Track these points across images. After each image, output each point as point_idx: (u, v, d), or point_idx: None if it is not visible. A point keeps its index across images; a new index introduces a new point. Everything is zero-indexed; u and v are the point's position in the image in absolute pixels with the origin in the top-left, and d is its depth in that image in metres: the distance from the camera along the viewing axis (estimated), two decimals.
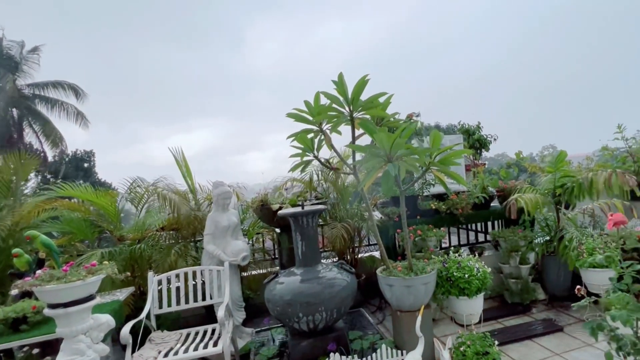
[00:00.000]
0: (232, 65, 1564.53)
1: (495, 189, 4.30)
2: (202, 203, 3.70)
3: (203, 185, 3.80)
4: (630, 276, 2.28)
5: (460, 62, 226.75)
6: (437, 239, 3.56)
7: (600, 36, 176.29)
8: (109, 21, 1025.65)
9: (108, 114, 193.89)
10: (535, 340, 3.25)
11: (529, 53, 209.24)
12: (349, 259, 3.79)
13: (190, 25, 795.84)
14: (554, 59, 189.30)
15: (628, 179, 4.25)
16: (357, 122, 2.70)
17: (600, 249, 3.71)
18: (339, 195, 3.78)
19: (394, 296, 2.70)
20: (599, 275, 3.63)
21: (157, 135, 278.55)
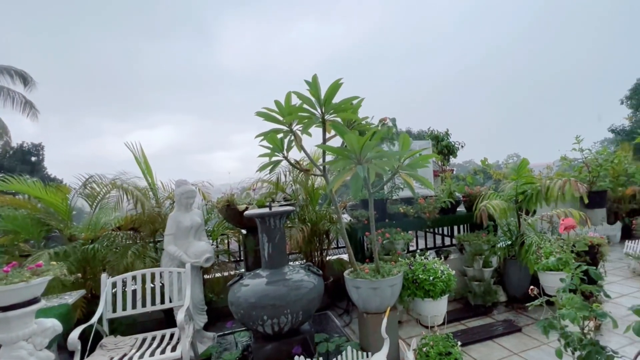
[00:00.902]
0: (200, 60, 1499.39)
1: (461, 194, 4.54)
2: (163, 202, 3.60)
3: (165, 184, 3.70)
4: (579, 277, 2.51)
5: (431, 70, 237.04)
6: (404, 242, 3.70)
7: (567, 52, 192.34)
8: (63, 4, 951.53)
9: (61, 105, 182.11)
10: (495, 340, 3.45)
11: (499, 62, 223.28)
12: (317, 262, 3.84)
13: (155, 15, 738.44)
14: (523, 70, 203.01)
15: (579, 187, 4.63)
16: (328, 124, 2.76)
17: (557, 253, 4.02)
18: (308, 197, 3.83)
19: (361, 298, 2.77)
20: (555, 277, 3.93)
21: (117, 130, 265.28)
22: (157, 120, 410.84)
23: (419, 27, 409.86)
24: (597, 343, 1.73)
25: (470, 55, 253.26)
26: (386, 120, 4.25)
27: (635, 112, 21.41)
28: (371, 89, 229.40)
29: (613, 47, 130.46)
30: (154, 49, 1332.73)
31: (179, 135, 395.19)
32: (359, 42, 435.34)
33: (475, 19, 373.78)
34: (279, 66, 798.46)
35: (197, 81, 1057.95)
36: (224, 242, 3.88)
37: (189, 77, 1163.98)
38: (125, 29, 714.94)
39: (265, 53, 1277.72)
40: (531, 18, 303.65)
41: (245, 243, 3.50)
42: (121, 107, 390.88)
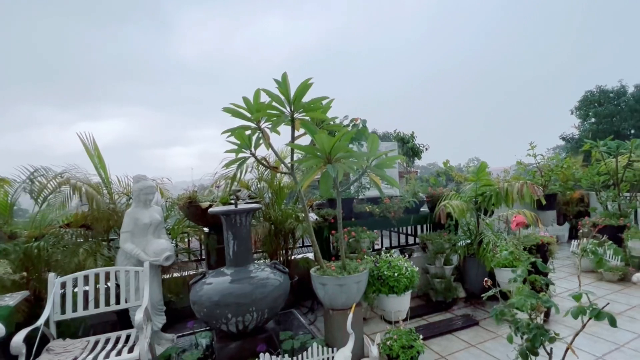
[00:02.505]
0: (156, 51, 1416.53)
1: (425, 194, 4.83)
2: (118, 199, 3.48)
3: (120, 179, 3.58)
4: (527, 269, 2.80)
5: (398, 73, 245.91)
6: (370, 241, 3.88)
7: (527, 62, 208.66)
8: None
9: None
10: (455, 334, 3.72)
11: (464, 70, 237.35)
12: (282, 261, 3.91)
13: None
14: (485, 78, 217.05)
15: (536, 190, 5.11)
16: (297, 123, 2.85)
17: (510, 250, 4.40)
18: (275, 195, 3.89)
19: (327, 295, 2.88)
20: (509, 273, 4.29)
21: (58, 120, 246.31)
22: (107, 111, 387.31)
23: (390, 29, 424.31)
24: (542, 327, 1.97)
25: (437, 61, 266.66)
26: (357, 120, 4.43)
27: (583, 122, 23.73)
28: (339, 89, 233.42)
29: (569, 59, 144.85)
30: (102, 35, 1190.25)
31: (132, 129, 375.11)
32: (327, 40, 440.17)
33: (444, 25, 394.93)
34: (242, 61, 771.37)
35: (152, 72, 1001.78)
36: (184, 241, 3.82)
37: (143, 67, 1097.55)
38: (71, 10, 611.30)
39: (227, 47, 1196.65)
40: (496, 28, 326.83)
41: (207, 241, 3.48)
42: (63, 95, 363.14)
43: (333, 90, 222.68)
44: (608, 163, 7.28)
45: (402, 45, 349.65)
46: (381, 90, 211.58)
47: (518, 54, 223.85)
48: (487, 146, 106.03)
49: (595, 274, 5.94)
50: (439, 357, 3.30)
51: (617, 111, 21.86)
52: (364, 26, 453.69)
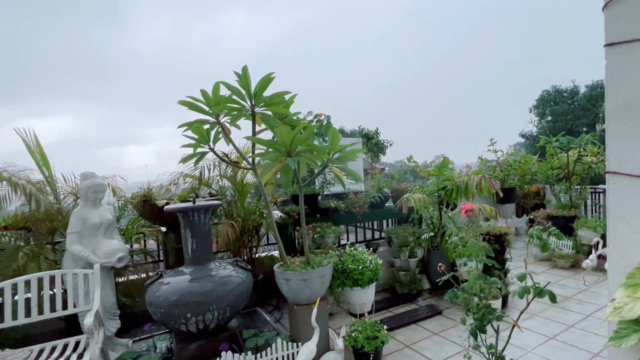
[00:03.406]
0: (107, 43, 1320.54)
1: (390, 190, 4.99)
2: (64, 198, 3.31)
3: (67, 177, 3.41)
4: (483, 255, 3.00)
5: (369, 72, 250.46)
6: (335, 236, 3.96)
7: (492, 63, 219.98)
8: None
9: None
10: (419, 323, 3.88)
11: (433, 69, 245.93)
12: (247, 259, 3.89)
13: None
14: (453, 78, 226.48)
15: (494, 184, 5.42)
16: (258, 117, 2.87)
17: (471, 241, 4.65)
18: (237, 192, 3.87)
19: (291, 290, 2.92)
20: (469, 264, 4.55)
21: None
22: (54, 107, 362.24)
23: (359, 27, 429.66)
24: (489, 306, 2.11)
25: (405, 61, 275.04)
26: (321, 116, 4.50)
27: (541, 120, 25.41)
28: (305, 86, 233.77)
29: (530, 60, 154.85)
30: (49, 23, 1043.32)
31: (84, 126, 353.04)
32: (293, 36, 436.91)
33: (412, 25, 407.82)
34: (203, 56, 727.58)
35: (105, 65, 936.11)
36: (140, 241, 3.70)
37: (93, 62, 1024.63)
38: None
39: (187, 40, 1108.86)
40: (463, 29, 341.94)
41: (165, 241, 3.40)
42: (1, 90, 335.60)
43: (298, 87, 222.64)
44: (560, 158, 7.87)
45: (371, 44, 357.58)
46: (349, 89, 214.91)
47: (484, 53, 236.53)
48: (454, 143, 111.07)
49: (550, 262, 6.39)
50: (404, 346, 3.43)
51: (571, 110, 23.63)
52: (332, 24, 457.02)
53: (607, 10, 1.53)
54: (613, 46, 1.52)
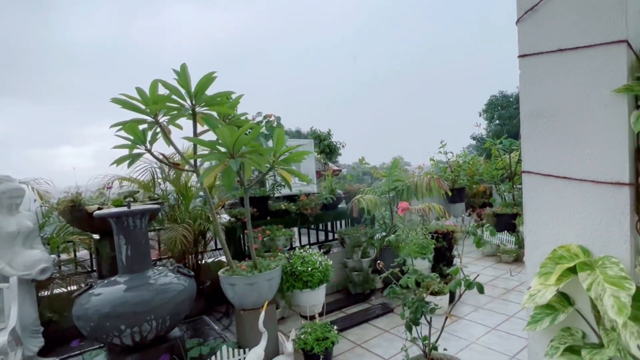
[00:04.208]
0: (36, 33, 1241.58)
1: (342, 191, 5.07)
2: None
3: None
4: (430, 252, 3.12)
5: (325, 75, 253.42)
6: (286, 238, 3.95)
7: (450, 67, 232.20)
8: None
9: None
10: (371, 322, 3.97)
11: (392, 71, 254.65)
12: (192, 265, 3.77)
13: None
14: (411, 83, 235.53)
15: (442, 184, 5.69)
16: (199, 117, 2.79)
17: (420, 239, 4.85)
18: (181, 195, 3.73)
19: (237, 295, 2.86)
20: (418, 261, 4.73)
21: None
22: None
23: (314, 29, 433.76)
24: (422, 299, 2.21)
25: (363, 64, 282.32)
26: (271, 117, 4.47)
27: (490, 123, 27.15)
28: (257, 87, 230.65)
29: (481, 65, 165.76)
30: None
31: (4, 125, 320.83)
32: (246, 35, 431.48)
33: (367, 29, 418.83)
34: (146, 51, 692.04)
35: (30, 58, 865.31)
36: (69, 251, 3.44)
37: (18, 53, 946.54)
38: None
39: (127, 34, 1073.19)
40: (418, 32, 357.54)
41: (98, 250, 3.18)
42: None
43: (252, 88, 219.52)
44: (504, 159, 8.44)
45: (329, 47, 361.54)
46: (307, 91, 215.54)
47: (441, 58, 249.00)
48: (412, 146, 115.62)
49: (495, 257, 6.82)
50: (355, 345, 3.49)
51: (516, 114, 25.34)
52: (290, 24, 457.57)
53: (519, 25, 1.66)
54: (525, 57, 1.65)
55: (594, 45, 1.43)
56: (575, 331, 1.56)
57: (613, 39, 1.39)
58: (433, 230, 5.31)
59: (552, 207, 1.61)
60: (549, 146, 1.60)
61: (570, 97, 1.52)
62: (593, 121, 1.47)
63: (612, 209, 1.45)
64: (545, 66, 1.58)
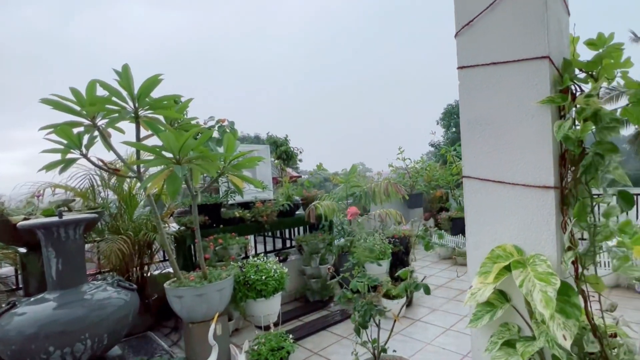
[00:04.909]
0: None
1: (300, 197, 5.09)
2: None
3: None
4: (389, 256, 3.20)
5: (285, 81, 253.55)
6: (239, 247, 3.88)
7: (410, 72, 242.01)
8: None
9: None
10: (329, 329, 3.99)
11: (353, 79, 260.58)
12: (137, 278, 3.58)
13: None
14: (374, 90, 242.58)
15: (400, 189, 5.89)
16: (142, 121, 2.68)
17: (377, 245, 4.98)
18: (124, 204, 3.55)
19: (184, 308, 2.76)
20: (374, 266, 4.86)
21: None
22: None
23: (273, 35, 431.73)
24: (371, 303, 2.27)
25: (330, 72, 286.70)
26: (224, 121, 4.39)
27: (447, 131, 28.64)
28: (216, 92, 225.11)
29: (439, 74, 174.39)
30: None
31: None
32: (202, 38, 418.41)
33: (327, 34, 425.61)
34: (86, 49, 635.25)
35: None
36: None
37: None
38: None
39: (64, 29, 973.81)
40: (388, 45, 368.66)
41: (25, 264, 2.92)
42: None
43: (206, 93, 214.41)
44: (458, 165, 8.93)
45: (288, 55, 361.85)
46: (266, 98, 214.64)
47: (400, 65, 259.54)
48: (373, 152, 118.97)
49: (451, 260, 7.15)
50: (312, 353, 3.49)
51: None
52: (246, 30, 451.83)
53: (457, 39, 1.79)
54: (463, 69, 1.78)
55: (521, 60, 1.58)
56: (512, 326, 1.68)
57: (537, 55, 1.54)
58: (391, 235, 5.49)
59: (489, 209, 1.73)
60: (486, 152, 1.72)
61: (503, 107, 1.65)
62: (523, 129, 1.61)
63: (541, 210, 1.59)
64: (481, 78, 1.71)
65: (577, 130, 1.48)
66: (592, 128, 1.51)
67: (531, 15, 1.54)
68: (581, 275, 1.63)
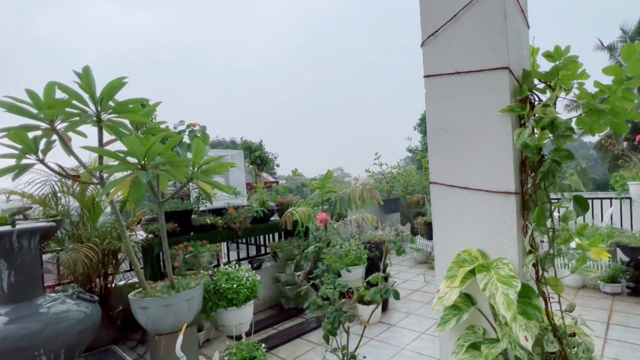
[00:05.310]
0: None
1: (275, 203, 5.07)
2: None
3: None
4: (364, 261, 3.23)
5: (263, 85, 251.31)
6: (211, 255, 3.81)
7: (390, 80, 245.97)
8: None
9: None
10: (304, 337, 3.97)
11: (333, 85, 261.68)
12: (100, 289, 3.44)
13: None
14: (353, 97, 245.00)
15: (375, 194, 5.97)
16: (105, 125, 2.60)
17: (353, 250, 5.03)
18: (87, 211, 3.41)
19: (150, 319, 2.68)
20: (352, 272, 4.89)
21: None
22: None
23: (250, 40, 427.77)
24: (340, 309, 2.29)
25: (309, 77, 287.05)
26: (195, 126, 4.32)
27: (424, 137, 29.31)
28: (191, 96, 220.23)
29: None
30: None
31: None
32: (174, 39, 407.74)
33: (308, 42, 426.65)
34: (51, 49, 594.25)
35: None
36: None
37: None
38: None
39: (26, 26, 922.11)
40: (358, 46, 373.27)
41: None
42: None
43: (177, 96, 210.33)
44: None
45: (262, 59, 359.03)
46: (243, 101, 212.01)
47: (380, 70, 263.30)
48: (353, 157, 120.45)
49: (427, 264, 7.29)
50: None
51: None
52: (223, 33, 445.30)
53: (424, 48, 1.85)
54: (429, 78, 1.84)
55: (483, 70, 1.65)
56: (478, 329, 1.72)
57: (497, 66, 1.61)
58: (367, 240, 5.55)
59: (456, 214, 1.78)
60: (452, 159, 1.78)
61: (467, 115, 1.72)
62: (486, 137, 1.68)
63: (503, 215, 1.65)
64: (446, 86, 1.77)
65: (535, 138, 1.56)
66: (550, 136, 1.59)
67: (491, 28, 1.62)
68: (542, 277, 1.70)
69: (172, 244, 3.66)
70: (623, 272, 4.86)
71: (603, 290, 4.96)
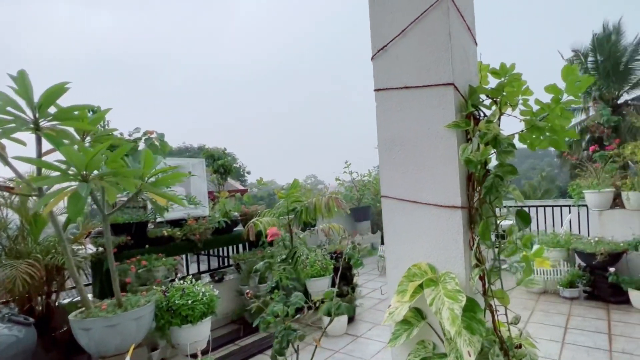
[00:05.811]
0: None
1: (239, 213, 4.97)
2: None
3: None
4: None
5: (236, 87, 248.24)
6: (167, 269, 3.68)
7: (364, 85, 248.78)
8: None
9: None
10: (267, 352, 3.90)
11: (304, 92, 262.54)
12: (42, 308, 3.22)
13: None
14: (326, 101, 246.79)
15: (341, 203, 5.97)
16: (44, 133, 2.46)
17: (320, 261, 5.00)
18: (28, 225, 3.21)
19: (93, 341, 2.54)
20: (318, 283, 4.87)
21: None
22: None
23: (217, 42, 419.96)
24: (289, 327, 2.26)
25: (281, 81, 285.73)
26: (152, 133, 4.18)
27: None
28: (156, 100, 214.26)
29: None
30: None
31: None
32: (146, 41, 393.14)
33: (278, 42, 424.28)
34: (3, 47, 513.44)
35: None
36: None
37: None
38: None
39: None
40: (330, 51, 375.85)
41: None
42: None
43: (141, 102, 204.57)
44: None
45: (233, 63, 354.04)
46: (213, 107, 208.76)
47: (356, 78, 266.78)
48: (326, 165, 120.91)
49: None
50: None
51: None
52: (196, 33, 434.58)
53: (374, 61, 1.87)
54: (379, 91, 1.86)
55: (429, 85, 1.68)
56: (428, 343, 1.74)
57: (443, 82, 1.65)
58: (333, 250, 5.54)
59: (406, 228, 1.80)
60: (402, 172, 1.80)
61: (415, 129, 1.75)
62: (433, 151, 1.71)
63: (450, 229, 1.68)
64: (395, 100, 1.79)
65: (478, 154, 1.60)
66: (492, 152, 1.64)
67: (437, 44, 1.66)
68: (488, 290, 1.74)
69: (125, 258, 3.50)
70: (580, 277, 5.10)
71: (562, 295, 5.19)
